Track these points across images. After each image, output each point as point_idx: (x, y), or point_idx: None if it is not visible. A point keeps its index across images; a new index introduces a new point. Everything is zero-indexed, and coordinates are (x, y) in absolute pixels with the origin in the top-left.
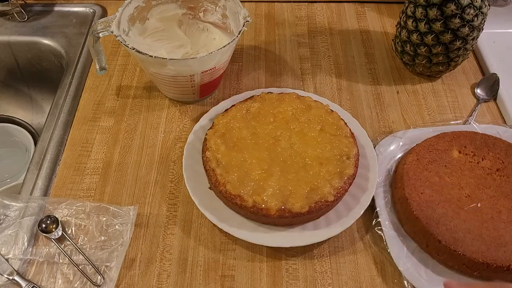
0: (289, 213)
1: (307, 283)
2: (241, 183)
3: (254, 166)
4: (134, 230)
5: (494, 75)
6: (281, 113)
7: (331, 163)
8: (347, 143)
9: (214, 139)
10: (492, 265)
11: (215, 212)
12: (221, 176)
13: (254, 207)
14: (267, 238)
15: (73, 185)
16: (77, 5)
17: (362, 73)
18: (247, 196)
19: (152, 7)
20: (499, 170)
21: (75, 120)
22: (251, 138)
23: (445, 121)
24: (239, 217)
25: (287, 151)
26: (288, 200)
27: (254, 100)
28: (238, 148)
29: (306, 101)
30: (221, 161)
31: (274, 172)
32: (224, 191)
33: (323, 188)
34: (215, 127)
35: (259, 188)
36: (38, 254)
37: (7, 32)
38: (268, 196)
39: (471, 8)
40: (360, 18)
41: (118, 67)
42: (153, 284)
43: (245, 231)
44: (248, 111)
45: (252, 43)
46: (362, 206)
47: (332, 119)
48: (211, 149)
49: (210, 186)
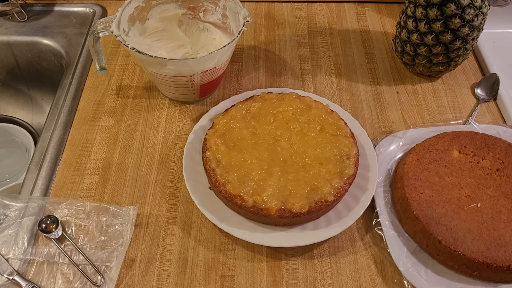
0: (289, 213)
1: (307, 283)
2: (241, 183)
3: (254, 166)
4: (134, 230)
5: (494, 75)
6: (281, 113)
7: (331, 163)
8: (347, 143)
9: (214, 139)
10: (492, 265)
11: (215, 212)
12: (221, 176)
13: (254, 207)
14: (267, 238)
15: (73, 185)
16: (77, 5)
17: (362, 73)
18: (247, 196)
19: (152, 7)
20: (499, 170)
21: (75, 120)
22: (251, 138)
23: (445, 121)
24: (239, 217)
25: (287, 151)
26: (288, 200)
27: (254, 100)
28: (238, 148)
29: (306, 101)
30: (221, 161)
31: (274, 172)
32: (224, 191)
33: (323, 188)
34: (215, 127)
35: (259, 188)
36: (38, 254)
37: (7, 32)
38: (268, 196)
39: (471, 8)
40: (360, 18)
41: (118, 67)
42: (153, 284)
43: (245, 231)
44: (248, 111)
45: (252, 43)
46: (362, 206)
47: (332, 119)
48: (211, 149)
49: (210, 186)
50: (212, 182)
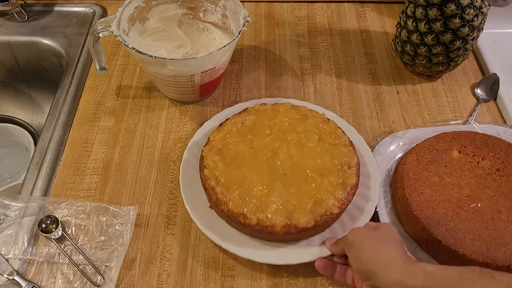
0: (295, 228)
1: (307, 283)
2: (243, 201)
3: (254, 182)
4: (134, 230)
5: (494, 75)
6: (277, 124)
7: (332, 173)
8: (347, 152)
9: (211, 156)
10: (492, 265)
11: (218, 231)
12: (221, 195)
13: (258, 225)
14: (273, 256)
15: (73, 185)
16: (77, 5)
17: (362, 73)
18: (251, 214)
19: (152, 7)
20: (499, 170)
21: (75, 120)
22: (249, 152)
23: (445, 121)
24: (243, 235)
25: (287, 164)
26: (293, 216)
27: (248, 112)
28: (236, 163)
29: (302, 110)
30: (220, 179)
31: (276, 186)
32: (226, 210)
33: (327, 200)
34: (211, 143)
35: (262, 204)
36: (38, 254)
37: (7, 32)
38: (272, 213)
39: (471, 8)
40: (360, 18)
41: (118, 67)
42: (153, 284)
43: (250, 249)
44: (243, 125)
45: (252, 43)
46: (366, 216)
47: (329, 128)
48: (209, 167)
49: (211, 205)
50: (213, 201)
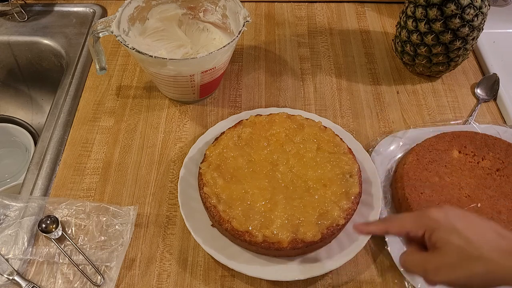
0: (302, 243)
1: (307, 283)
2: (247, 218)
3: (256, 197)
4: (134, 230)
5: (494, 75)
6: (274, 135)
7: (334, 183)
8: (347, 160)
9: (210, 172)
10: None
11: (222, 250)
12: (224, 213)
13: (264, 241)
14: (282, 272)
15: (73, 185)
16: (77, 5)
17: (362, 73)
18: (256, 231)
19: (152, 7)
20: (499, 170)
21: (75, 120)
22: (248, 166)
23: (445, 121)
24: (248, 252)
25: (287, 176)
26: (299, 230)
27: (243, 125)
28: (236, 179)
29: (297, 120)
30: (221, 196)
31: (279, 200)
32: (230, 228)
33: (332, 211)
34: (208, 160)
35: (266, 220)
36: (38, 254)
37: (7, 32)
38: (277, 228)
39: (471, 8)
40: (360, 18)
41: (118, 67)
42: (153, 284)
43: (257, 266)
44: (240, 138)
45: (252, 43)
46: None
47: (327, 136)
48: (208, 184)
49: (213, 223)
50: (215, 220)
